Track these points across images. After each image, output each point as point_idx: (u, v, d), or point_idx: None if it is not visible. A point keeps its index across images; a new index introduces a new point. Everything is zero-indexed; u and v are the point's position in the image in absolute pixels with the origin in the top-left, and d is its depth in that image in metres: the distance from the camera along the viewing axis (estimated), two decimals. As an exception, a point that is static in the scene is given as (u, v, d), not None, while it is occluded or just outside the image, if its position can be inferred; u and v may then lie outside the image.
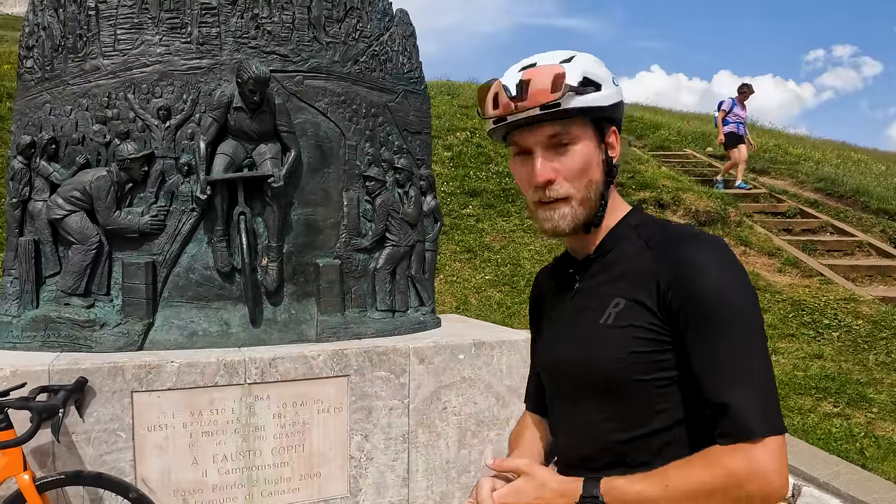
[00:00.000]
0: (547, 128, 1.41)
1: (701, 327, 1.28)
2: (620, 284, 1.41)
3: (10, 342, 3.63)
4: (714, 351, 1.26)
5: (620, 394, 1.38)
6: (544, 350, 1.66)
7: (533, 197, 1.46)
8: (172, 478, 3.45)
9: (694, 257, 1.32)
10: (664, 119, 18.79)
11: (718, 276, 1.29)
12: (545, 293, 1.73)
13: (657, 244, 1.40)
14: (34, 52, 3.85)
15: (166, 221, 3.69)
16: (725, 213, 10.57)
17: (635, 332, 1.35)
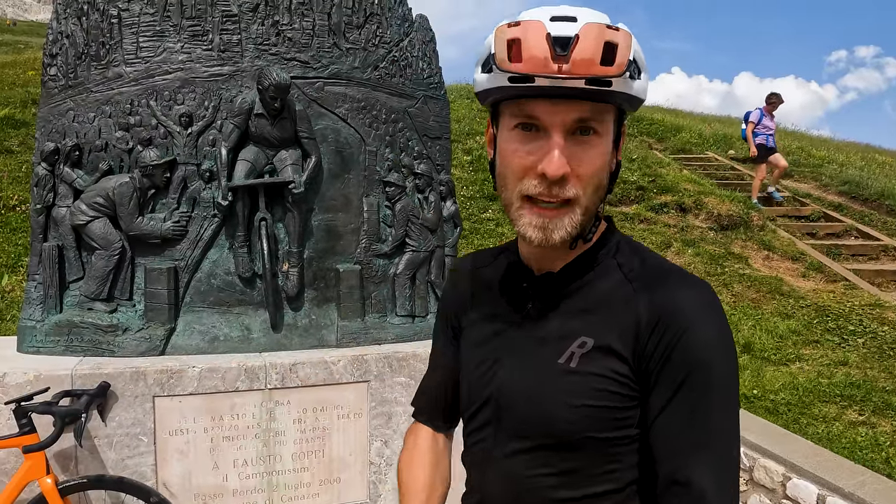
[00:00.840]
0: (577, 108, 1.09)
1: (679, 387, 1.09)
2: (589, 320, 1.18)
3: (34, 346, 3.67)
4: (690, 418, 1.08)
5: (571, 449, 1.16)
6: (475, 372, 1.34)
7: (528, 189, 1.13)
8: (193, 482, 3.47)
9: (683, 306, 1.12)
10: (685, 122, 18.67)
11: (707, 335, 1.10)
12: (474, 295, 1.43)
13: (639, 280, 1.19)
14: (58, 59, 3.89)
15: (188, 227, 3.72)
16: (748, 217, 10.47)
17: (601, 382, 1.14)
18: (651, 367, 1.11)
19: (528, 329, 1.25)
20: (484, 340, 1.33)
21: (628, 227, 9.94)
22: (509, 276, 1.35)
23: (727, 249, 9.48)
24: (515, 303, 1.30)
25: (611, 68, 1.04)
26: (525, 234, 1.15)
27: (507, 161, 1.16)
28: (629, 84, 1.09)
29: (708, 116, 23.60)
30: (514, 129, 1.14)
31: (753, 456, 3.88)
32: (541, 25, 1.05)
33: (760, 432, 4.06)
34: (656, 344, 1.10)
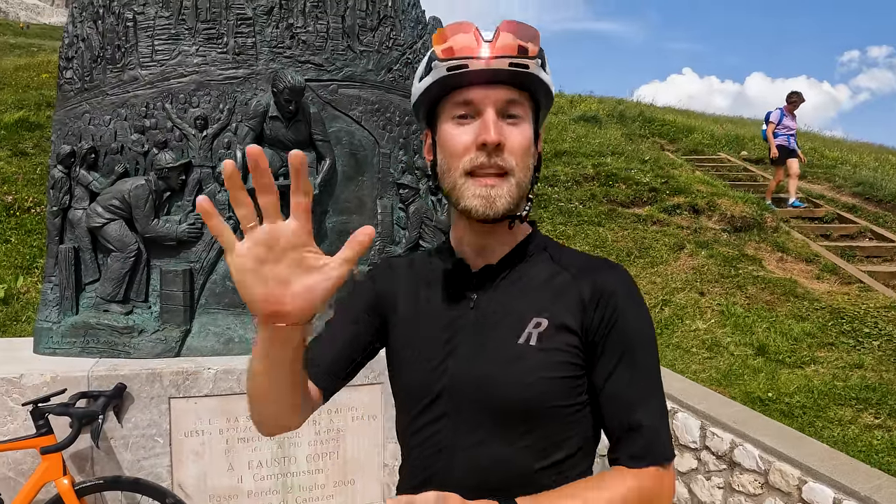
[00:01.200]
0: (505, 90, 1.28)
1: (623, 352, 1.28)
2: (537, 303, 1.32)
3: (51, 348, 3.69)
4: (633, 376, 1.28)
5: (538, 421, 1.28)
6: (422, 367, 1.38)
7: (470, 162, 1.26)
8: (208, 483, 3.49)
9: (617, 285, 1.32)
10: (697, 122, 18.57)
11: (638, 308, 1.33)
12: (409, 288, 1.48)
13: (574, 267, 1.36)
14: (73, 63, 3.92)
15: (203, 229, 3.75)
16: (762, 218, 10.41)
17: (560, 355, 1.28)
18: (597, 339, 1.29)
19: (479, 319, 1.35)
20: (429, 336, 1.39)
21: (641, 228, 9.90)
22: (449, 274, 1.43)
23: (741, 251, 9.43)
24: (459, 297, 1.39)
25: (527, 55, 1.25)
26: (470, 205, 1.27)
27: (449, 146, 1.30)
28: (541, 71, 1.29)
29: (720, 117, 23.49)
30: (451, 120, 1.31)
31: (769, 459, 3.86)
32: (470, 26, 1.28)
33: (776, 436, 4.03)
34: (600, 318, 1.29)
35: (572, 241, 9.49)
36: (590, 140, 13.74)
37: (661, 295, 8.27)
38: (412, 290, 1.47)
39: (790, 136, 12.01)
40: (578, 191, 11.03)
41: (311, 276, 1.03)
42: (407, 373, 1.43)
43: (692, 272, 8.81)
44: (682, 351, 7.16)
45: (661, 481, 1.27)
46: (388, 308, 1.49)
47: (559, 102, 17.90)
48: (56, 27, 40.39)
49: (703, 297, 8.26)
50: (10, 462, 3.28)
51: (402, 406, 1.46)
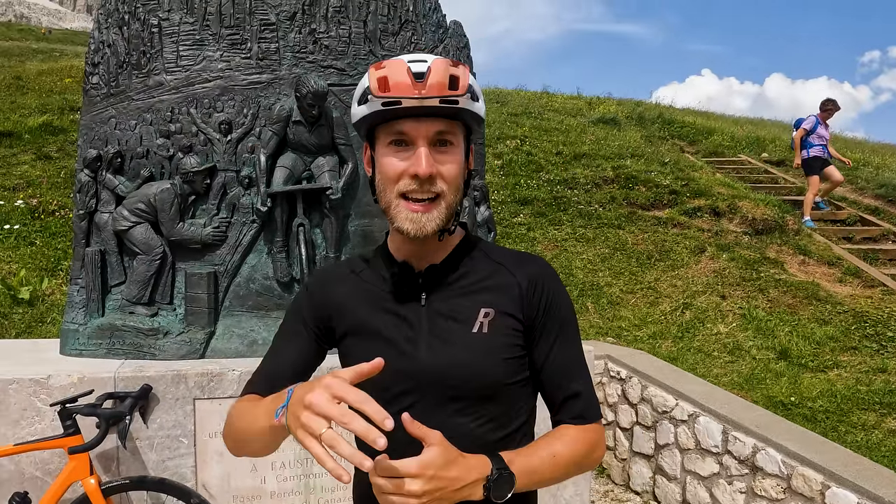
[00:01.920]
0: (437, 123, 1.40)
1: (558, 331, 1.53)
2: (484, 296, 1.50)
3: (77, 349, 3.75)
4: (568, 350, 1.54)
5: (495, 398, 1.48)
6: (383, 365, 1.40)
7: (403, 187, 1.41)
8: (232, 484, 3.52)
9: (546, 276, 1.55)
10: (717, 124, 18.44)
11: (565, 293, 1.57)
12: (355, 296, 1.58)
13: (509, 263, 1.56)
14: (99, 68, 3.97)
15: (228, 233, 3.79)
16: (783, 221, 10.33)
17: (507, 339, 1.48)
18: (536, 322, 1.51)
19: (433, 314, 1.50)
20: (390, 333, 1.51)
21: (661, 231, 9.86)
22: (395, 276, 1.56)
23: (762, 254, 9.36)
24: (409, 296, 1.53)
25: (456, 91, 1.38)
26: (402, 227, 1.42)
27: (385, 170, 1.44)
28: (471, 103, 1.42)
29: (740, 119, 23.30)
30: (388, 145, 1.43)
31: (792, 464, 3.83)
32: (402, 63, 1.37)
33: (799, 440, 4.00)
34: (538, 304, 1.51)
35: (592, 243, 9.47)
36: (609, 142, 13.71)
37: (681, 298, 8.24)
38: (360, 295, 1.59)
39: (824, 145, 11.33)
40: (598, 193, 11.01)
41: None
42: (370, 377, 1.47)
43: (713, 275, 8.77)
44: (703, 355, 7.13)
45: (599, 434, 1.55)
46: (331, 317, 1.60)
47: (577, 105, 17.88)
48: (77, 32, 40.90)
49: (724, 301, 8.22)
50: (37, 462, 3.33)
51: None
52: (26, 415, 3.32)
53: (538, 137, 13.40)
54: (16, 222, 8.24)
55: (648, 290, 8.48)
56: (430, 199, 1.41)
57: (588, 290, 8.39)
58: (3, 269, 7.43)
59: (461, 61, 1.54)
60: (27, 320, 6.73)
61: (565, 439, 1.49)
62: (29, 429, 3.32)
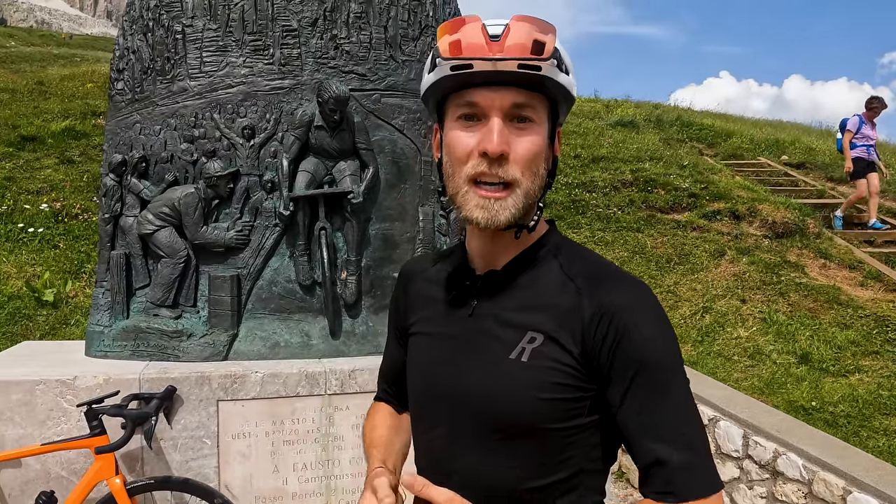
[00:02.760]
0: (513, 94, 1.19)
1: (634, 377, 1.17)
2: (537, 316, 1.23)
3: (102, 351, 3.80)
4: (648, 403, 1.17)
5: (528, 439, 1.22)
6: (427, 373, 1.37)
7: (472, 169, 1.21)
8: (254, 484, 3.56)
9: (623, 302, 1.20)
10: (735, 126, 18.32)
11: (652, 323, 1.20)
12: (421, 296, 1.47)
13: (580, 278, 1.25)
14: (124, 74, 4.03)
15: (251, 236, 3.83)
16: (804, 224, 10.25)
17: (554, 374, 1.19)
18: (601, 363, 1.19)
19: (476, 327, 1.29)
20: (433, 341, 1.38)
21: (680, 234, 9.82)
22: (454, 276, 1.40)
23: (783, 258, 9.30)
24: (460, 302, 1.35)
25: (541, 55, 1.16)
26: (472, 216, 1.22)
27: (452, 148, 1.24)
28: (557, 73, 1.19)
29: (759, 121, 23.15)
30: (457, 119, 1.24)
31: (813, 469, 3.82)
32: (478, 23, 1.18)
33: (820, 445, 3.98)
34: (601, 340, 1.18)
35: (611, 247, 9.45)
36: (627, 145, 13.67)
37: (701, 302, 8.20)
38: (423, 296, 1.46)
39: (870, 146, 10.67)
40: (617, 196, 10.98)
41: None
42: (414, 379, 1.43)
43: (733, 279, 8.72)
44: (723, 359, 7.09)
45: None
46: (409, 314, 1.51)
47: (595, 108, 17.83)
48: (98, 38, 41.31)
49: (744, 305, 8.18)
50: (63, 461, 3.39)
51: (412, 409, 1.47)
52: (53, 415, 3.38)
53: (556, 140, 13.38)
54: (40, 225, 8.35)
55: (668, 293, 8.45)
56: (503, 184, 1.20)
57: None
58: (28, 272, 7.54)
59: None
60: (51, 322, 6.83)
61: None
62: (55, 429, 3.37)
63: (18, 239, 8.09)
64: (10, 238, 8.07)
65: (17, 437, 3.35)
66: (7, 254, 7.80)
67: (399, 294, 1.56)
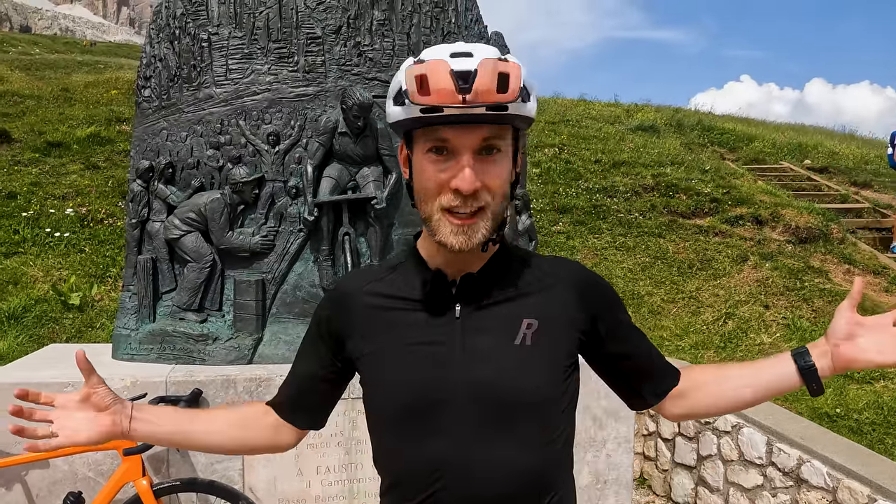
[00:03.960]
0: (483, 130, 1.26)
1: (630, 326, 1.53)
2: (525, 305, 1.39)
3: (129, 354, 3.86)
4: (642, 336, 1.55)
5: (540, 415, 1.35)
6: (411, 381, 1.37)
7: (445, 203, 1.28)
8: (278, 487, 3.59)
9: (589, 275, 1.51)
10: (757, 130, 18.18)
11: (607, 284, 1.55)
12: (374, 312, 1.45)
13: (550, 268, 1.48)
14: (151, 82, 4.09)
15: (275, 241, 3.87)
16: (827, 229, 10.15)
17: (555, 350, 1.38)
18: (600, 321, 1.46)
19: (469, 327, 1.37)
20: (413, 352, 1.38)
21: (702, 240, 9.76)
22: (426, 286, 1.42)
23: (806, 263, 9.21)
24: (442, 308, 1.40)
25: (506, 95, 1.22)
26: (447, 241, 1.30)
27: (424, 180, 1.31)
28: (522, 107, 1.27)
29: (781, 125, 22.95)
30: (427, 152, 1.30)
31: (837, 476, 3.79)
32: (444, 62, 1.22)
33: (845, 453, 3.95)
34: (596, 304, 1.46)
35: (632, 252, 9.42)
36: (648, 150, 13.61)
37: (724, 308, 8.15)
38: (378, 313, 1.44)
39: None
40: (638, 202, 10.94)
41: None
42: (391, 396, 1.39)
43: (756, 285, 8.65)
44: (745, 365, 7.03)
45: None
46: (346, 342, 1.48)
47: (615, 112, 17.78)
48: (120, 45, 41.85)
49: (767, 311, 8.11)
50: (90, 463, 3.44)
51: (387, 430, 1.43)
52: (81, 417, 3.42)
53: (576, 145, 13.37)
54: (66, 230, 8.47)
55: (690, 299, 8.40)
56: (473, 212, 1.29)
57: (629, 299, 8.35)
58: (54, 276, 7.65)
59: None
60: (77, 325, 6.92)
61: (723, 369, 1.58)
62: (84, 431, 3.42)
63: (45, 243, 8.21)
64: (36, 242, 8.20)
65: (47, 438, 3.40)
66: (34, 258, 7.92)
67: (337, 314, 1.51)
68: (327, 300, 1.58)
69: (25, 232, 8.30)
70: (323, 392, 1.59)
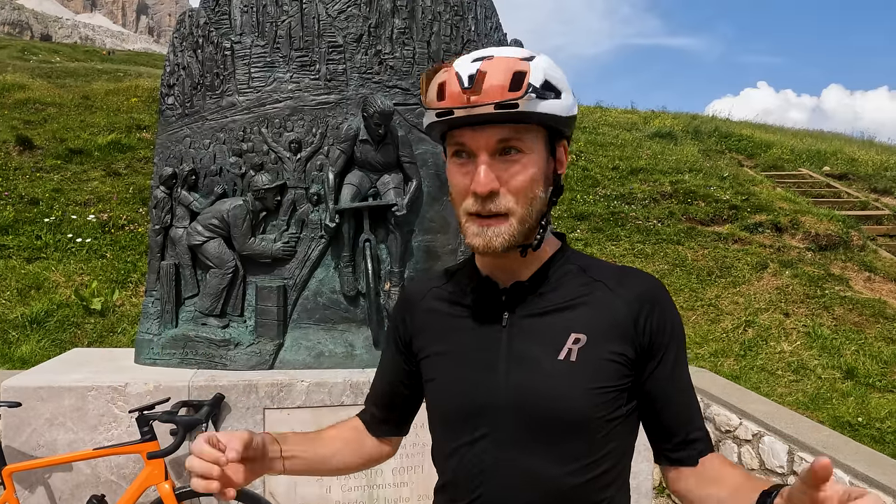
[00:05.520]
0: (498, 130, 1.24)
1: (675, 357, 1.34)
2: (575, 319, 1.32)
3: (151, 358, 3.90)
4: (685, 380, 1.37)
5: (581, 436, 1.29)
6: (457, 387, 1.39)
7: (468, 207, 1.27)
8: (298, 492, 3.61)
9: (658, 294, 1.36)
10: (775, 137, 18.08)
11: (674, 310, 1.37)
12: (431, 316, 1.48)
13: (607, 278, 1.37)
14: (175, 90, 4.14)
15: (297, 248, 3.91)
16: (848, 236, 10.08)
17: (602, 368, 1.29)
18: (650, 348, 1.32)
19: (515, 336, 1.34)
20: (462, 358, 1.39)
21: (721, 247, 9.71)
22: (476, 292, 1.43)
23: (826, 271, 9.15)
24: (490, 315, 1.38)
25: (516, 92, 1.19)
26: (472, 243, 1.29)
27: (452, 185, 1.33)
28: (538, 103, 1.22)
29: (799, 131, 22.80)
30: (452, 156, 1.31)
31: (860, 486, 3.75)
32: (450, 71, 1.24)
33: (867, 462, 3.92)
34: (649, 324, 1.32)
35: (651, 259, 9.39)
36: (666, 157, 13.58)
37: (743, 316, 8.10)
38: (437, 316, 1.47)
39: None
40: (656, 209, 10.90)
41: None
42: (442, 398, 1.43)
43: (776, 292, 8.60)
44: (766, 373, 7.00)
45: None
46: (412, 343, 1.52)
47: (632, 119, 17.74)
48: (139, 53, 42.24)
49: (787, 319, 8.06)
50: (113, 466, 3.48)
51: (440, 430, 1.46)
52: (104, 420, 3.47)
53: (594, 152, 13.35)
54: (87, 236, 8.56)
55: (709, 307, 8.36)
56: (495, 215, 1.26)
57: (645, 306, 8.31)
58: (76, 281, 7.73)
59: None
60: (99, 330, 6.99)
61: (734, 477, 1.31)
62: (105, 434, 3.47)
63: (67, 249, 8.31)
64: (58, 248, 8.30)
65: (69, 441, 3.45)
66: (56, 263, 8.01)
67: (404, 317, 1.55)
68: (396, 305, 1.62)
69: (48, 237, 8.40)
70: (403, 397, 1.60)
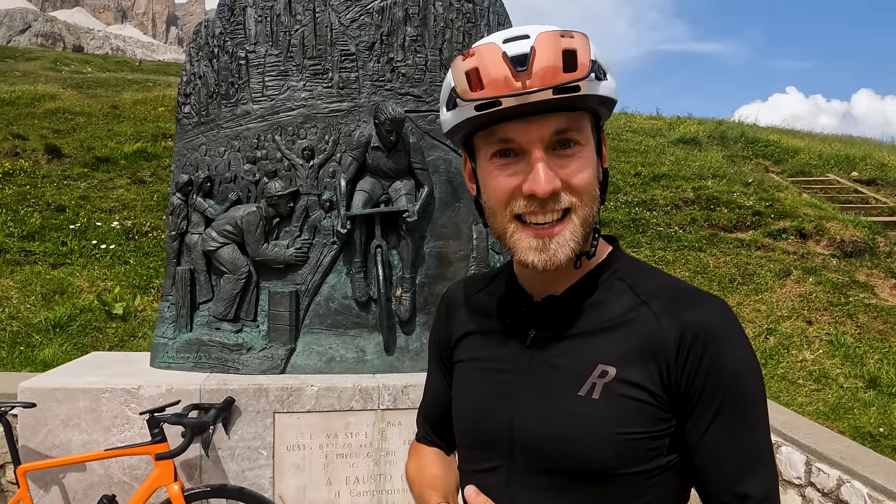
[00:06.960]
0: (552, 120, 1.04)
1: (721, 405, 1.05)
2: (607, 347, 1.09)
3: (166, 362, 3.96)
4: (735, 434, 1.06)
5: (603, 484, 1.08)
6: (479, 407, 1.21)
7: (518, 209, 1.08)
8: (307, 496, 3.63)
9: (711, 323, 1.07)
10: (803, 142, 17.86)
11: (737, 352, 1.07)
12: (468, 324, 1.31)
13: (655, 299, 1.11)
14: (191, 98, 4.20)
15: (309, 254, 3.95)
16: (874, 243, 9.91)
17: (631, 412, 1.06)
18: (686, 389, 1.06)
19: (537, 359, 1.15)
20: (485, 372, 1.22)
21: (744, 254, 9.61)
22: (507, 302, 1.24)
23: (851, 278, 9.00)
24: (517, 331, 1.19)
25: (575, 73, 1.01)
26: (526, 259, 1.08)
27: (492, 190, 1.11)
28: (597, 85, 1.05)
29: (828, 136, 22.49)
30: (491, 158, 1.10)
31: (879, 498, 3.69)
32: (495, 48, 1.02)
33: (887, 473, 3.85)
34: (691, 366, 1.05)
35: (672, 266, 9.31)
36: (689, 163, 13.48)
37: (765, 324, 8.01)
38: (474, 321, 1.30)
39: None
40: (678, 215, 10.82)
41: None
42: (459, 419, 1.28)
43: (799, 300, 8.48)
44: (787, 382, 6.91)
45: None
46: (454, 343, 1.35)
47: (657, 125, 17.65)
48: (169, 63, 42.87)
49: (810, 326, 7.94)
50: (124, 467, 3.53)
51: (460, 448, 1.32)
52: (117, 422, 3.53)
53: (616, 158, 13.29)
54: (112, 242, 8.71)
55: (729, 314, 8.26)
56: (557, 219, 1.07)
57: (666, 313, 8.25)
58: (99, 286, 7.86)
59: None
60: (120, 334, 7.10)
61: None
62: (119, 435, 3.52)
63: (91, 255, 8.46)
64: (83, 254, 8.45)
65: (83, 442, 3.51)
66: (80, 268, 8.16)
67: (442, 321, 1.40)
68: (437, 308, 1.46)
69: (73, 244, 8.56)
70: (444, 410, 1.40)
